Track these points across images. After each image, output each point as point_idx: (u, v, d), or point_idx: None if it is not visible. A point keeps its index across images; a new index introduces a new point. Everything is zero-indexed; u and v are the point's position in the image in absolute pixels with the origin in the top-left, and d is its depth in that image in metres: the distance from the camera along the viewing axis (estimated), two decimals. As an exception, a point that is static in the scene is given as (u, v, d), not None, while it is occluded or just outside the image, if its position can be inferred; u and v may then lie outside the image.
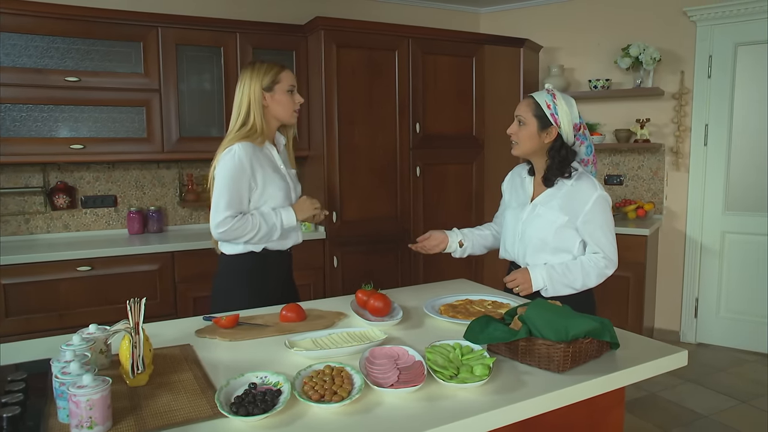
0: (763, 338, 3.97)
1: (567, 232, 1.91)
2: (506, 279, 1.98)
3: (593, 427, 1.43)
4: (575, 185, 1.92)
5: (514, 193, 2.15)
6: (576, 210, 1.90)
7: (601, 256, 1.90)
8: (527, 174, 2.09)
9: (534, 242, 1.96)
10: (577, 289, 1.91)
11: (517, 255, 2.04)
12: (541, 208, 1.96)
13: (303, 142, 3.83)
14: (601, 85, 4.20)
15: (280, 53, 3.71)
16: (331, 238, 3.70)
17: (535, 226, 1.96)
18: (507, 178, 2.24)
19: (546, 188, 1.99)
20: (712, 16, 3.93)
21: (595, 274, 1.90)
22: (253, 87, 2.12)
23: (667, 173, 4.23)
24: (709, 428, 3.00)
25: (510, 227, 2.08)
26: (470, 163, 4.19)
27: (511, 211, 2.11)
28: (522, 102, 1.98)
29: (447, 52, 3.98)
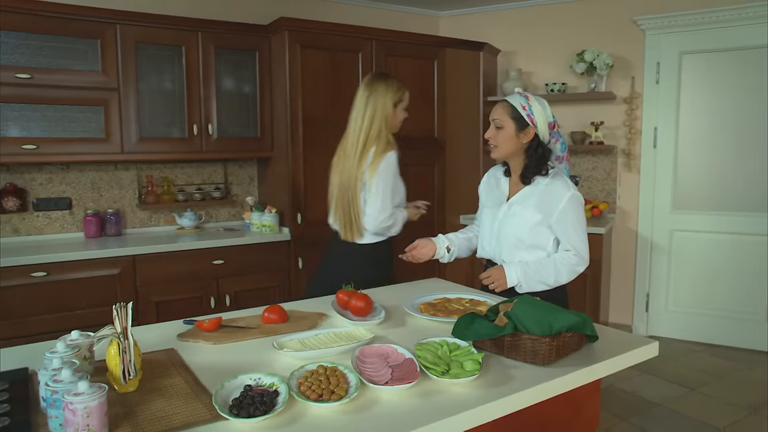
0: (708, 329, 4.20)
1: (541, 230, 1.98)
2: (482, 276, 2.02)
3: (573, 416, 1.49)
4: (550, 185, 1.99)
5: (490, 194, 2.20)
6: (550, 208, 1.96)
7: (573, 254, 1.97)
8: (503, 175, 2.15)
9: (510, 240, 2.02)
10: (550, 286, 1.98)
11: (493, 253, 2.10)
12: (517, 207, 2.02)
13: (266, 143, 3.79)
14: (557, 88, 4.34)
15: (243, 53, 3.67)
16: (295, 239, 3.68)
17: (511, 224, 2.02)
18: (483, 179, 2.28)
19: (522, 187, 2.05)
20: (659, 26, 4.13)
21: (567, 271, 1.97)
22: (387, 101, 2.48)
23: (620, 174, 4.42)
24: (662, 416, 3.16)
25: (487, 226, 2.13)
26: (432, 164, 4.25)
27: (487, 211, 2.15)
28: (497, 106, 2.01)
29: (409, 54, 4.03)
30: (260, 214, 3.71)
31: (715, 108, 4.08)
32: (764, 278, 4.02)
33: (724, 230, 4.10)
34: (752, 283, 4.05)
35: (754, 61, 3.92)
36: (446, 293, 2.04)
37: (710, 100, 4.09)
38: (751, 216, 4.02)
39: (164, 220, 3.83)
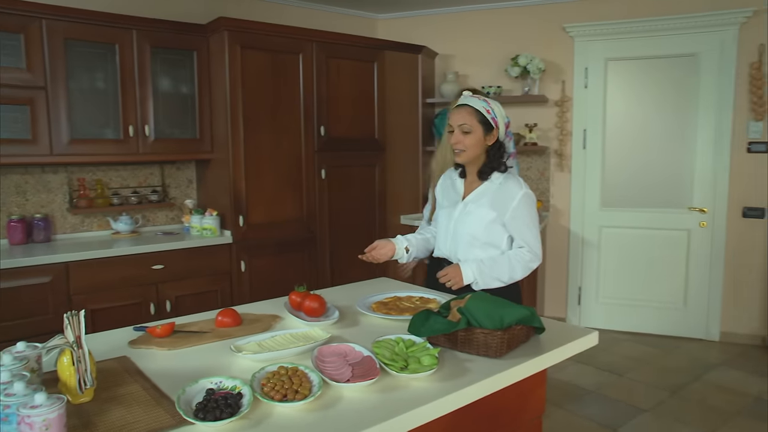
0: (633, 319, 4.48)
1: (495, 227, 2.05)
2: (439, 274, 2.06)
3: (522, 404, 1.57)
4: (504, 184, 2.06)
5: (445, 194, 2.25)
6: (504, 206, 2.03)
7: (527, 250, 2.05)
8: (458, 176, 2.21)
9: (465, 238, 2.08)
10: (504, 282, 2.05)
11: (449, 251, 2.16)
12: (472, 206, 2.09)
13: (206, 144, 3.72)
14: (493, 91, 4.49)
15: (180, 53, 3.58)
16: (237, 242, 3.63)
17: (467, 222, 2.08)
18: (439, 181, 2.33)
19: (476, 187, 2.11)
20: (586, 33, 4.37)
21: (521, 268, 2.04)
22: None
23: (552, 174, 4.63)
24: (595, 401, 3.35)
25: (443, 226, 2.19)
26: (373, 166, 4.30)
27: (443, 211, 2.21)
28: (461, 111, 2.03)
29: (350, 56, 4.06)
30: (200, 217, 3.63)
31: (637, 111, 4.36)
32: (682, 269, 4.34)
33: (647, 225, 4.39)
34: (671, 274, 4.36)
35: (672, 69, 4.22)
36: (396, 292, 2.08)
37: (633, 104, 4.37)
38: (671, 212, 4.32)
39: (98, 225, 3.68)
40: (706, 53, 4.12)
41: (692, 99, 4.19)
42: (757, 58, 4.03)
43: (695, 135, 4.21)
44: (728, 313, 4.28)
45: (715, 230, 4.23)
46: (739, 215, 4.17)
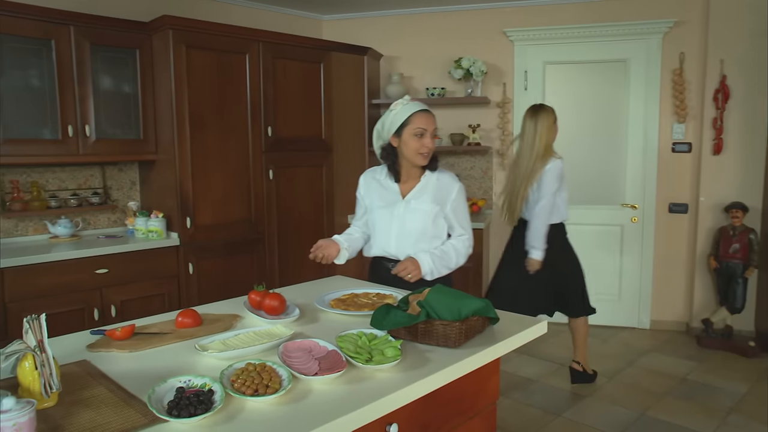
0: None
1: (439, 220, 2.22)
2: (397, 268, 2.13)
3: (479, 391, 1.65)
4: (440, 179, 2.23)
5: (376, 195, 2.31)
6: (444, 199, 2.21)
7: (466, 237, 2.25)
8: (385, 177, 2.29)
9: (414, 234, 2.19)
10: (451, 269, 2.22)
11: (397, 249, 2.23)
12: (415, 202, 2.20)
13: (150, 145, 3.63)
14: (437, 93, 4.61)
15: (122, 51, 3.49)
16: (185, 244, 3.58)
17: (413, 219, 2.19)
18: (361, 183, 2.39)
19: (413, 185, 2.23)
20: (526, 38, 4.56)
21: (464, 254, 2.24)
22: (550, 122, 3.31)
23: (495, 173, 4.79)
24: (539, 389, 3.51)
25: (383, 225, 2.26)
26: (320, 166, 4.33)
27: (380, 211, 2.27)
28: (429, 117, 2.16)
29: (296, 57, 4.06)
30: (146, 219, 3.54)
31: (574, 113, 4.58)
32: (617, 263, 4.60)
33: (584, 221, 4.61)
34: (607, 267, 4.61)
35: (605, 73, 4.46)
36: (353, 289, 2.13)
37: (570, 106, 4.58)
38: (605, 208, 4.57)
39: (34, 229, 3.53)
40: (635, 59, 4.39)
41: (623, 102, 4.45)
42: (679, 65, 4.33)
43: (626, 136, 4.47)
44: (657, 302, 4.58)
45: (645, 225, 4.51)
46: (666, 211, 4.47)
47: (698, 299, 4.40)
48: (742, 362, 3.90)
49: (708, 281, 4.36)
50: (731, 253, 4.10)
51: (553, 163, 3.22)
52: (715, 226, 4.27)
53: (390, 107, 2.21)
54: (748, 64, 4.12)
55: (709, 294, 4.37)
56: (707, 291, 4.38)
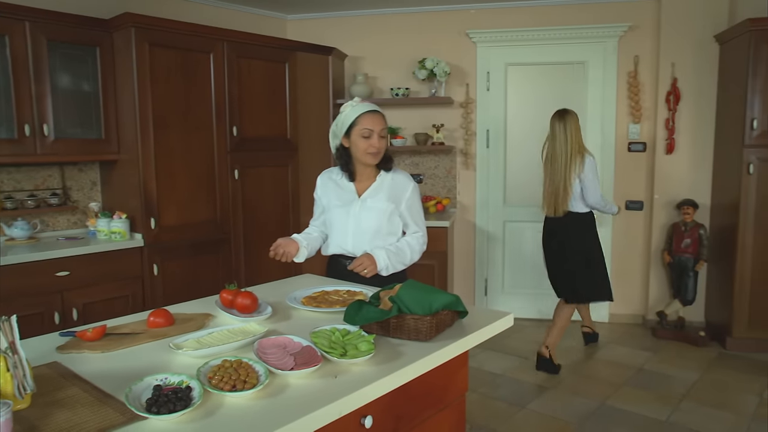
0: (534, 307, 4.83)
1: (394, 218, 2.29)
2: (353, 264, 2.19)
3: (449, 383, 1.70)
4: (395, 178, 2.31)
5: (333, 195, 2.37)
6: (399, 198, 2.29)
7: (420, 234, 2.34)
8: (341, 177, 2.35)
9: (370, 231, 2.26)
10: (406, 265, 2.30)
11: (353, 246, 2.30)
12: (370, 201, 2.28)
13: (112, 144, 3.56)
14: (401, 93, 4.66)
15: (81, 48, 3.41)
16: (149, 245, 3.53)
17: (369, 217, 2.26)
18: (319, 184, 2.46)
19: (369, 184, 2.30)
20: (488, 39, 4.66)
21: (418, 250, 2.33)
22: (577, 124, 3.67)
23: (459, 172, 4.88)
24: (505, 384, 3.60)
25: (340, 223, 2.32)
26: (286, 166, 4.32)
27: (337, 210, 2.33)
28: (378, 118, 2.21)
29: (261, 56, 4.05)
30: (108, 220, 3.48)
31: (536, 113, 4.70)
32: (576, 258, 4.71)
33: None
34: None
35: (564, 74, 4.60)
36: (323, 287, 2.15)
37: (532, 106, 4.71)
38: (565, 206, 4.69)
39: (-16, 231, 3.42)
40: (592, 61, 4.54)
41: (582, 103, 4.59)
42: (633, 68, 4.50)
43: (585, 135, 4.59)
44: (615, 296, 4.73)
45: (604, 223, 4.66)
46: (623, 208, 4.64)
47: (653, 293, 4.59)
48: (694, 351, 4.09)
49: (662, 275, 4.55)
50: (683, 248, 4.29)
51: (589, 158, 3.59)
52: (669, 222, 4.46)
53: (341, 108, 2.27)
54: (697, 67, 4.32)
55: (663, 287, 4.56)
56: (662, 285, 4.57)
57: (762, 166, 3.89)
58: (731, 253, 4.04)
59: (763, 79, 3.81)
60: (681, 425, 3.03)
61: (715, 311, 4.32)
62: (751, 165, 3.89)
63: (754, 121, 3.85)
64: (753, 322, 4.01)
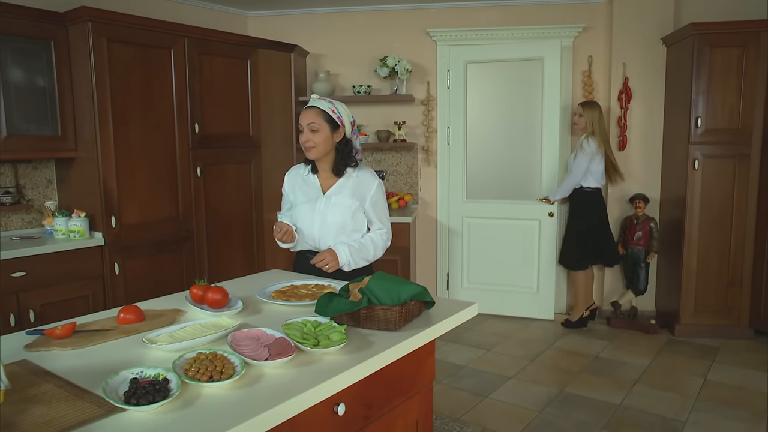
0: (494, 302, 4.93)
1: (359, 214, 2.33)
2: (315, 259, 2.23)
3: (417, 371, 1.76)
4: (360, 175, 2.35)
5: (300, 191, 2.41)
6: (363, 195, 2.33)
7: (384, 231, 2.39)
8: (309, 172, 2.38)
9: (334, 228, 2.30)
10: (369, 261, 2.35)
11: (318, 242, 2.33)
12: (335, 198, 2.31)
13: (69, 142, 3.48)
14: (363, 90, 4.70)
15: (34, 42, 3.32)
16: (110, 244, 3.47)
17: (333, 213, 2.29)
18: (286, 180, 2.47)
19: (335, 181, 2.34)
20: (448, 38, 4.75)
21: (382, 247, 2.38)
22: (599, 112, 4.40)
23: (420, 168, 4.96)
24: (468, 374, 3.70)
25: (306, 219, 2.35)
26: (248, 163, 4.31)
27: (303, 207, 2.37)
28: (308, 112, 2.23)
29: (223, 53, 4.03)
30: (66, 219, 3.40)
31: (494, 110, 4.83)
32: (535, 256, 4.82)
33: (504, 216, 4.85)
34: (525, 260, 4.82)
35: (523, 72, 4.71)
36: (291, 281, 2.18)
37: (491, 104, 4.82)
38: (524, 203, 4.81)
39: (-62, 232, 3.29)
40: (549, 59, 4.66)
41: (539, 101, 4.72)
42: (588, 68, 4.67)
43: (542, 132, 4.75)
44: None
45: (561, 218, 4.81)
46: (578, 202, 4.80)
47: (608, 284, 4.78)
48: (645, 339, 4.29)
49: (616, 267, 4.73)
50: (635, 241, 4.48)
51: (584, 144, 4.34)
52: (622, 215, 4.65)
53: None
54: (647, 68, 4.51)
55: (617, 279, 4.75)
56: (616, 276, 4.76)
57: (706, 162, 4.11)
58: (679, 244, 4.25)
59: (706, 81, 4.03)
60: (634, 407, 3.19)
61: (665, 300, 4.54)
62: (696, 161, 4.10)
63: (698, 119, 4.06)
64: (698, 309, 4.24)
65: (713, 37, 3.98)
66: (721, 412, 3.13)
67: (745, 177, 4.08)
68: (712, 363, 3.81)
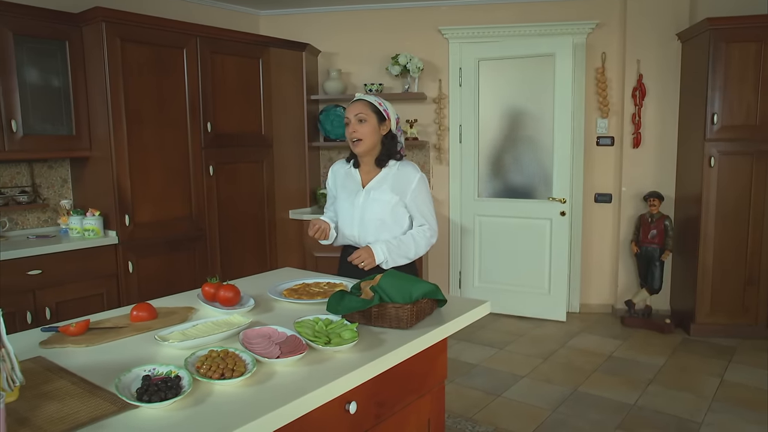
0: (506, 302, 4.88)
1: (399, 210, 2.25)
2: (352, 257, 2.20)
3: (429, 370, 1.76)
4: (401, 169, 2.27)
5: (342, 185, 2.38)
6: (404, 189, 2.24)
7: (427, 228, 2.29)
8: (351, 167, 2.35)
9: (374, 223, 2.25)
10: (410, 259, 2.27)
11: (358, 237, 2.30)
12: (375, 192, 2.26)
13: (83, 141, 3.52)
14: (375, 88, 4.70)
15: (49, 42, 3.35)
16: (123, 242, 3.50)
17: (373, 208, 2.24)
18: (330, 175, 2.46)
19: (374, 175, 2.28)
20: (460, 35, 4.72)
21: (424, 244, 2.27)
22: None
23: (432, 166, 4.95)
24: (480, 373, 3.68)
25: (347, 214, 2.32)
26: (260, 161, 4.33)
27: (343, 201, 2.34)
28: (355, 104, 2.22)
29: (235, 52, 4.04)
30: (81, 217, 3.44)
31: (505, 108, 4.79)
32: (546, 257, 4.76)
33: (516, 215, 4.80)
34: (537, 260, 4.74)
35: (535, 70, 4.67)
36: (303, 279, 2.18)
37: (501, 102, 4.79)
38: (535, 202, 4.76)
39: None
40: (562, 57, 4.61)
41: (551, 98, 4.67)
42: (601, 64, 4.62)
43: (554, 130, 4.70)
44: (585, 287, 4.87)
45: (574, 215, 4.77)
46: (592, 201, 4.77)
47: (622, 282, 4.73)
48: (660, 338, 4.24)
49: (630, 265, 4.69)
50: (650, 239, 4.43)
51: None
52: (636, 213, 4.60)
53: None
54: (662, 64, 4.46)
55: (631, 277, 4.71)
56: (630, 274, 4.71)
57: (722, 159, 4.05)
58: (694, 243, 4.19)
59: (722, 76, 3.97)
60: (648, 408, 3.15)
61: (680, 299, 4.49)
62: (712, 158, 4.05)
63: (714, 116, 4.00)
64: (714, 308, 4.18)
65: (729, 32, 3.93)
66: (738, 413, 3.08)
67: (762, 174, 4.02)
68: (728, 363, 3.76)
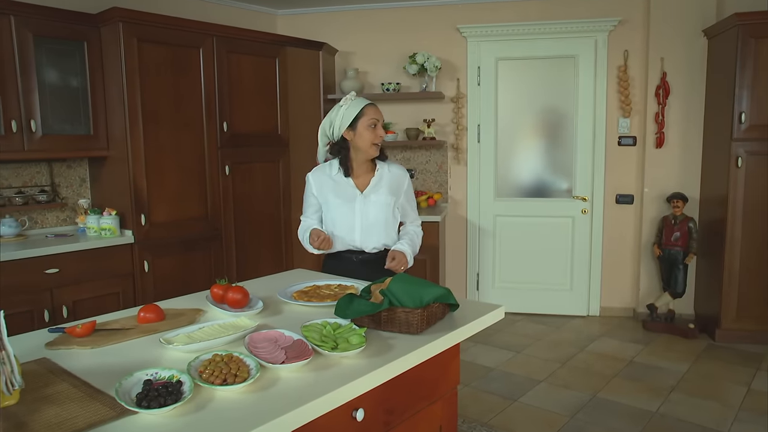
0: (526, 301, 4.84)
1: (395, 210, 2.36)
2: (391, 265, 2.23)
3: (440, 377, 1.71)
4: (391, 170, 2.36)
5: (331, 192, 2.34)
6: (398, 190, 2.36)
7: (419, 223, 2.45)
8: (336, 172, 2.34)
9: (378, 225, 2.28)
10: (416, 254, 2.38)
11: (359, 241, 2.30)
12: (373, 196, 2.30)
13: (101, 141, 3.54)
14: (392, 88, 4.65)
15: (68, 43, 3.37)
16: (140, 242, 3.51)
17: (374, 211, 2.29)
18: (313, 183, 2.40)
19: (368, 179, 2.31)
20: (478, 34, 4.65)
21: (419, 241, 2.41)
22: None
23: (450, 167, 4.89)
24: (497, 377, 3.61)
25: (346, 220, 2.31)
26: (277, 161, 4.31)
27: (340, 208, 2.32)
28: (378, 109, 2.28)
29: (251, 51, 4.03)
30: (98, 217, 3.46)
31: (526, 107, 4.72)
32: (568, 254, 4.74)
33: (536, 214, 4.76)
34: (558, 258, 4.76)
35: (555, 69, 4.60)
36: (314, 281, 2.15)
37: (521, 101, 4.72)
38: (556, 201, 4.71)
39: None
40: (583, 55, 4.55)
41: (572, 97, 4.60)
42: (623, 62, 4.52)
43: (576, 129, 4.63)
44: (606, 290, 4.77)
45: (594, 216, 4.69)
46: (614, 202, 4.66)
47: (644, 286, 4.62)
48: (683, 343, 4.12)
49: (652, 268, 4.57)
50: (673, 241, 4.32)
51: None
52: (659, 215, 4.49)
53: (338, 104, 2.26)
54: (686, 62, 4.34)
55: (653, 280, 4.59)
56: (652, 278, 4.60)
57: (750, 159, 3.92)
58: (720, 246, 4.07)
59: (750, 73, 3.84)
60: (671, 416, 3.06)
61: (705, 303, 4.36)
62: (739, 158, 3.92)
63: (742, 114, 3.88)
64: (741, 314, 4.05)
65: (759, 27, 3.79)
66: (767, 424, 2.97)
67: (792, 175, 3.88)
68: (756, 371, 3.63)
